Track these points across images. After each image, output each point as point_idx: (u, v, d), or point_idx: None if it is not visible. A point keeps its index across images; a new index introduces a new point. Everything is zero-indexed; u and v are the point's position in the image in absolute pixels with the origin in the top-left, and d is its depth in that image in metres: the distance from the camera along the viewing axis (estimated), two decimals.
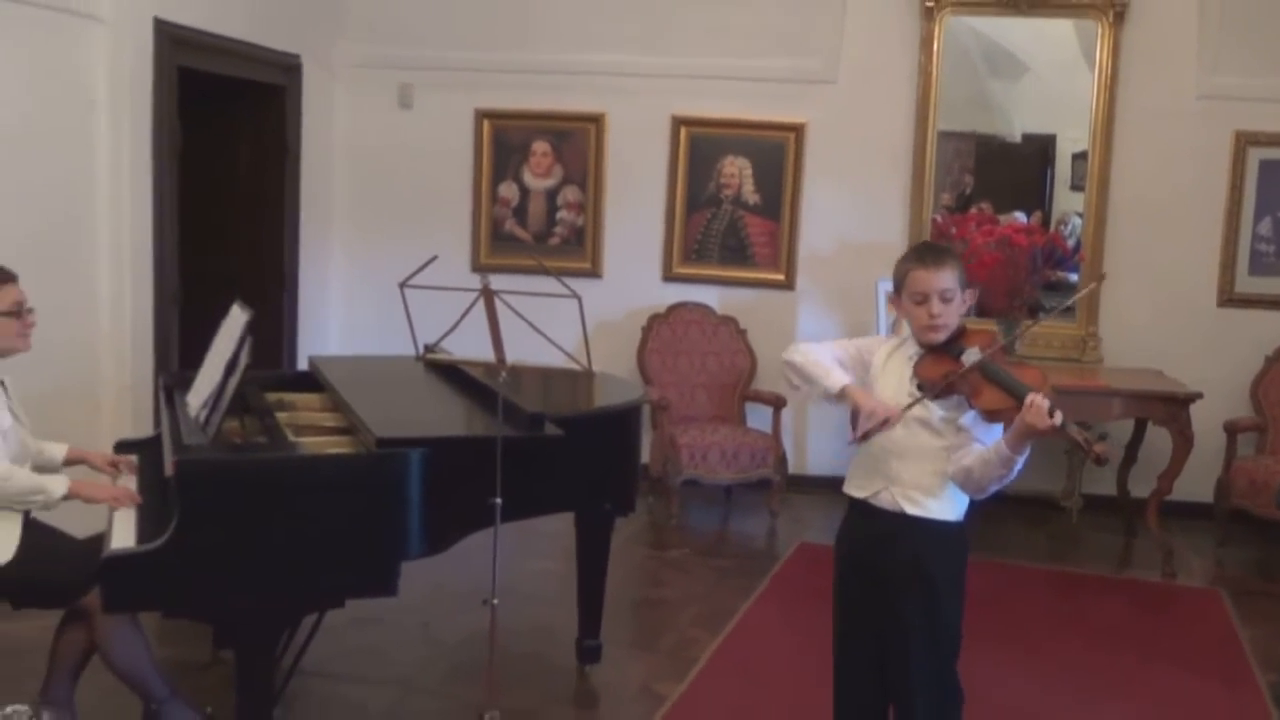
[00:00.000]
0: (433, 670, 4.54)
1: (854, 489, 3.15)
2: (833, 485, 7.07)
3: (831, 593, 3.25)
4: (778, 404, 6.87)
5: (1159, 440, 6.29)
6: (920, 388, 2.96)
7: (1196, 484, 6.49)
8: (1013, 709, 4.27)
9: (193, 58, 5.93)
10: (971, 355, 2.92)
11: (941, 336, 3.00)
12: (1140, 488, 6.49)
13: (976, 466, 2.89)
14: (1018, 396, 2.78)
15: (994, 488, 2.91)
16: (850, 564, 3.18)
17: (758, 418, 7.09)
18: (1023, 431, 2.76)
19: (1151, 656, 4.89)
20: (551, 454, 3.70)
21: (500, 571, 3.54)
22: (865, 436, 2.92)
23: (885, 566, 3.05)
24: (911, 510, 3.01)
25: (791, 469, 7.09)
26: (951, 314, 3.00)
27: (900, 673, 3.07)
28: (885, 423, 2.89)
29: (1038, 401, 2.72)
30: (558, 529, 5.46)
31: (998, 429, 2.89)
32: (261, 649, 3.34)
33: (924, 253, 3.09)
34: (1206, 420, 6.26)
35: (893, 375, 3.07)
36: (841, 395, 3.00)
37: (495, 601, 3.49)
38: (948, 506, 3.02)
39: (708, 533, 6.63)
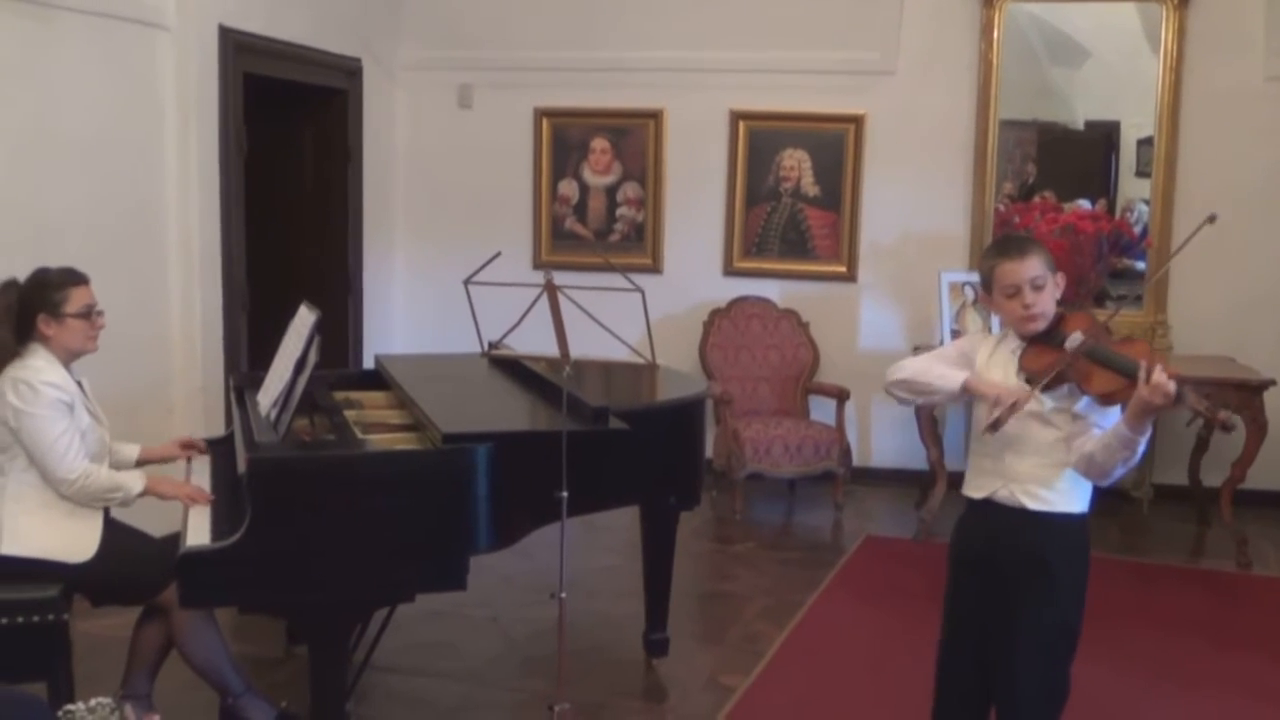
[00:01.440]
0: (502, 664, 4.58)
1: (972, 490, 3.10)
2: (898, 478, 7.19)
3: (906, 584, 3.23)
4: (841, 396, 6.84)
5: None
6: (1029, 381, 2.90)
7: (1271, 472, 6.39)
8: (1087, 699, 4.20)
9: (256, 63, 6.01)
10: (1074, 340, 2.85)
11: (1041, 325, 2.94)
12: (1213, 477, 6.39)
13: (1098, 452, 2.82)
14: (1129, 375, 2.72)
15: (1119, 471, 2.83)
16: (967, 565, 3.14)
17: (821, 410, 7.06)
18: (1141, 409, 2.67)
19: (1226, 646, 4.82)
20: (616, 448, 3.71)
21: (566, 567, 3.56)
22: (998, 424, 2.84)
23: (1006, 564, 3.00)
24: (1032, 505, 2.96)
25: (856, 461, 7.06)
26: (1046, 301, 2.94)
27: (1008, 676, 3.02)
28: (1015, 405, 2.83)
29: (1155, 376, 2.64)
30: (622, 524, 5.51)
31: (1115, 411, 2.82)
32: (334, 644, 3.39)
33: (1006, 245, 3.05)
34: None
35: (997, 372, 3.01)
36: (965, 391, 2.97)
37: (563, 595, 3.51)
38: (1069, 499, 2.97)
39: (772, 526, 6.62)
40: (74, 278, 3.65)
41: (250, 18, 5.89)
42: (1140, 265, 6.96)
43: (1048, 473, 2.95)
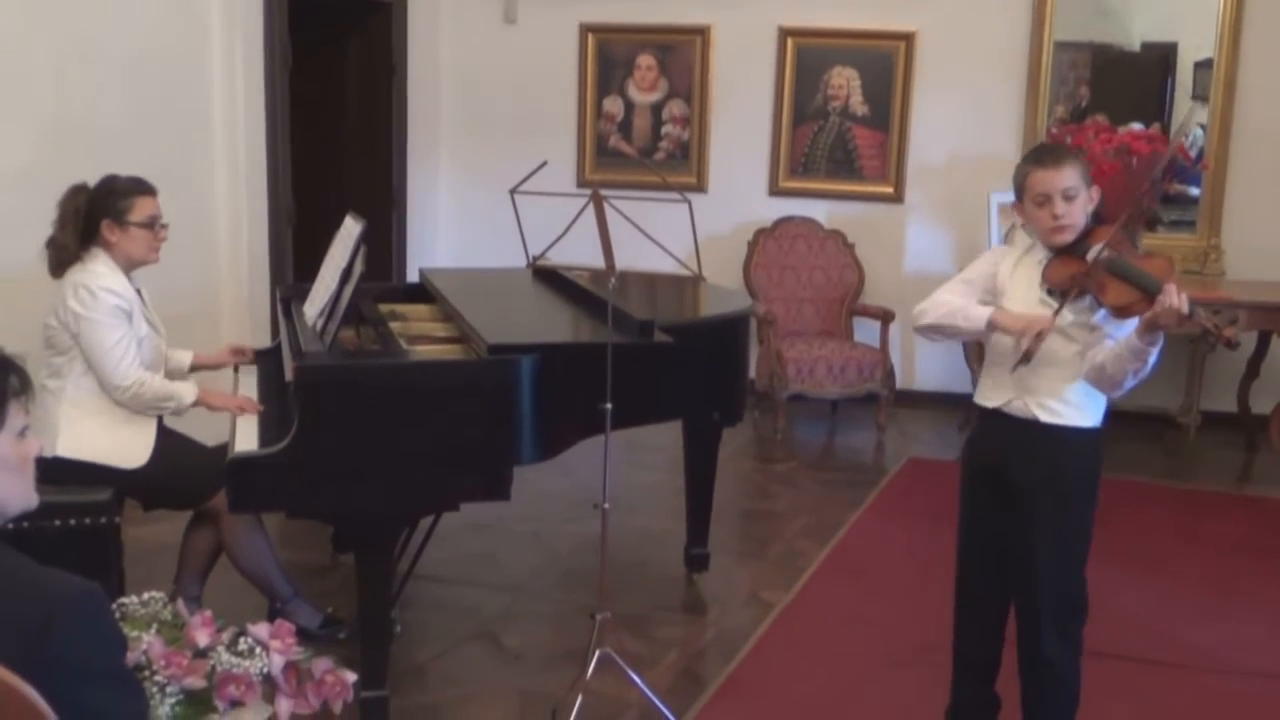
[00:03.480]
0: (544, 576, 4.63)
1: (984, 399, 3.09)
2: (942, 401, 7.16)
3: (949, 506, 3.22)
4: (886, 318, 6.80)
5: None
6: (1050, 294, 2.89)
7: None
8: (1133, 622, 4.22)
9: None
10: (1095, 252, 2.83)
11: (1069, 237, 2.90)
12: (1262, 403, 6.33)
13: (1109, 362, 2.80)
14: (1145, 289, 2.71)
15: (1130, 383, 2.82)
16: (980, 475, 3.14)
17: (865, 332, 7.02)
18: (1151, 321, 2.67)
19: (1273, 572, 4.79)
20: (661, 362, 3.69)
21: (609, 483, 3.57)
22: (1029, 356, 2.82)
23: (1018, 476, 3.00)
24: (1045, 418, 2.95)
25: (899, 384, 7.03)
26: (1077, 213, 2.90)
27: (1027, 584, 3.04)
28: (1040, 335, 2.80)
29: (1168, 295, 2.63)
30: (664, 442, 5.53)
31: (1130, 325, 2.78)
32: (379, 551, 3.42)
33: (1041, 153, 3.00)
34: None
35: (1021, 283, 2.98)
36: (990, 327, 2.94)
37: (606, 505, 3.53)
38: (1083, 413, 2.96)
39: (814, 446, 6.62)
40: (141, 187, 3.66)
41: None
42: (1194, 191, 6.83)
43: (1061, 386, 2.93)
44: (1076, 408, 2.95)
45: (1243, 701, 3.76)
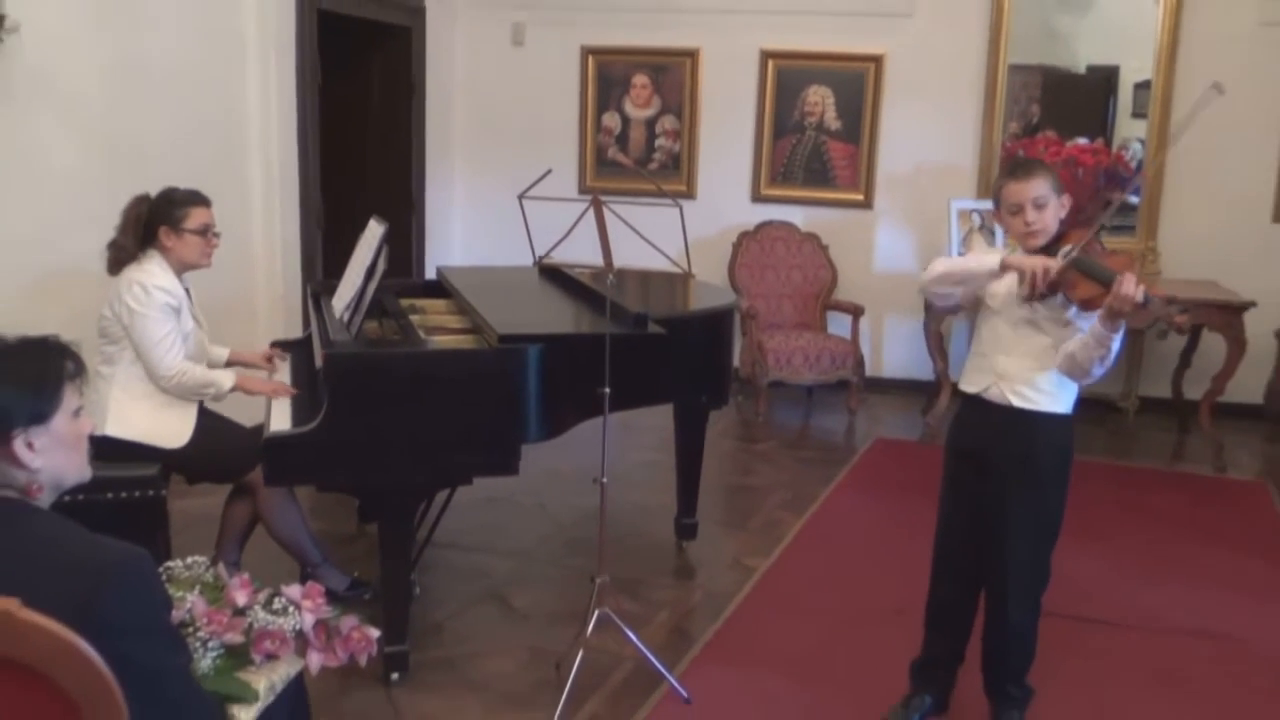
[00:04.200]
0: (549, 544, 4.62)
1: (966, 385, 3.08)
2: (906, 387, 7.16)
3: (913, 481, 3.22)
4: (856, 313, 6.80)
5: (1213, 346, 6.10)
6: (1027, 297, 2.88)
7: (1247, 386, 6.33)
8: (1072, 587, 4.22)
9: (329, 2, 5.93)
10: (1065, 252, 2.83)
11: (1039, 241, 2.90)
12: (1194, 390, 6.33)
13: (1078, 351, 2.82)
14: (1107, 283, 2.71)
15: (1098, 370, 2.83)
16: (961, 454, 3.13)
17: (838, 325, 7.01)
18: (1111, 307, 2.69)
19: (1204, 541, 4.80)
20: (654, 351, 3.68)
21: (607, 460, 3.56)
22: (1033, 293, 2.83)
23: (995, 458, 3.00)
24: (1019, 404, 2.95)
25: (868, 372, 7.02)
26: (1048, 219, 2.90)
27: (1001, 557, 3.03)
28: (1046, 270, 2.80)
29: (1123, 285, 2.65)
30: (657, 424, 5.50)
31: (1096, 318, 2.79)
32: (400, 521, 3.42)
33: (1014, 167, 3.00)
34: (1259, 327, 6.09)
35: (1002, 283, 2.97)
36: (1002, 267, 2.91)
37: (604, 480, 3.52)
38: (1055, 399, 2.95)
39: (792, 428, 6.61)
40: (197, 199, 3.66)
41: None
42: (1134, 200, 6.82)
43: (1035, 375, 2.93)
44: (1049, 395, 2.95)
45: (1179, 656, 3.76)
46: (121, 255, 3.60)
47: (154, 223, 3.60)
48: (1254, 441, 6.30)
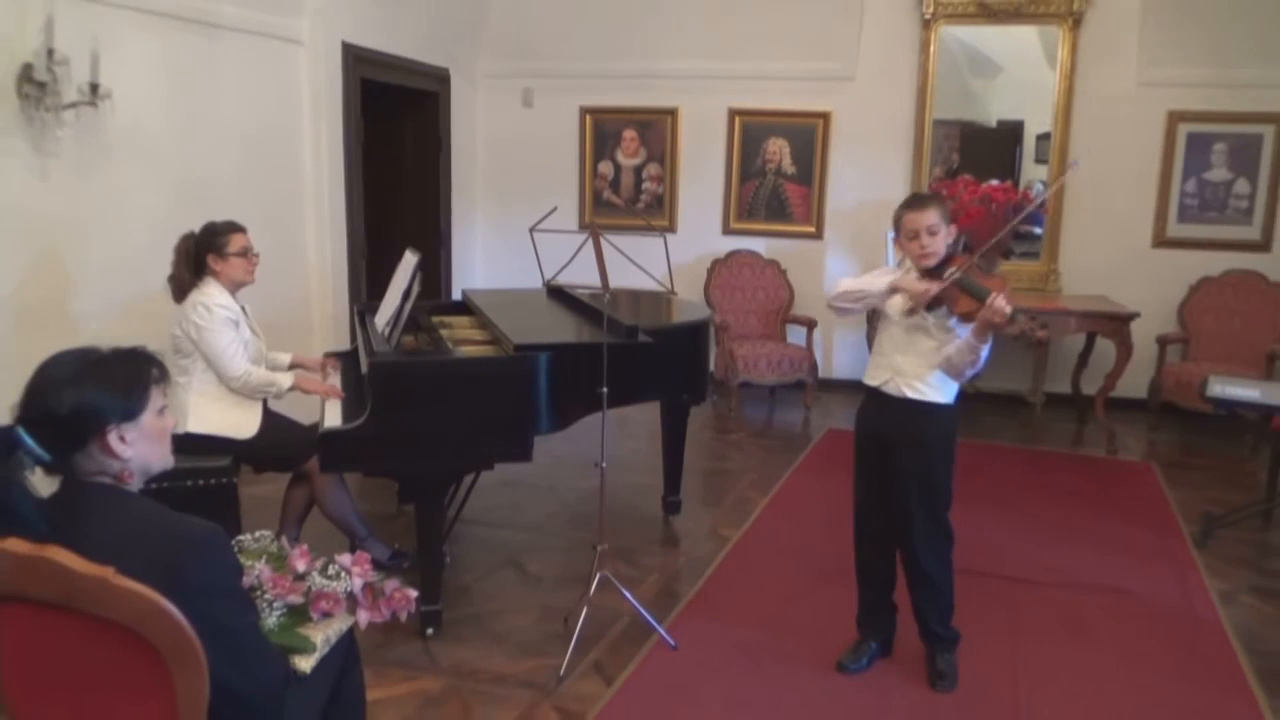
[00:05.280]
0: (557, 519, 4.59)
1: (869, 379, 3.10)
2: (852, 386, 7.02)
3: (852, 463, 3.21)
4: (810, 325, 6.80)
5: (1105, 350, 6.11)
6: (917, 304, 2.90)
7: (1133, 383, 6.32)
8: (992, 551, 4.23)
9: (370, 71, 5.91)
10: (951, 273, 2.85)
11: (931, 262, 2.92)
12: (1090, 387, 6.35)
13: (954, 354, 2.86)
14: (981, 300, 2.74)
15: (969, 373, 2.87)
16: (866, 436, 3.15)
17: (795, 335, 7.01)
18: (984, 324, 2.72)
19: (1098, 513, 4.79)
20: (644, 357, 3.67)
21: (606, 448, 3.55)
22: (916, 309, 2.88)
23: (892, 437, 3.02)
24: (911, 395, 2.97)
25: (821, 374, 7.00)
26: (938, 244, 2.91)
27: (904, 517, 3.05)
28: (927, 292, 2.83)
29: (995, 301, 2.69)
30: (646, 418, 5.50)
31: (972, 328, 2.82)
32: (433, 501, 3.40)
33: (911, 199, 3.01)
34: (1143, 334, 6.09)
35: (896, 299, 2.99)
36: (891, 289, 2.93)
37: (604, 465, 3.50)
38: (939, 392, 2.98)
39: (758, 421, 6.59)
40: (234, 227, 3.63)
41: (367, 35, 5.79)
42: (1038, 230, 6.84)
43: (924, 371, 2.95)
44: (935, 388, 2.97)
45: (1081, 607, 3.76)
46: (182, 285, 3.56)
47: (201, 253, 3.56)
48: (1140, 430, 6.31)
